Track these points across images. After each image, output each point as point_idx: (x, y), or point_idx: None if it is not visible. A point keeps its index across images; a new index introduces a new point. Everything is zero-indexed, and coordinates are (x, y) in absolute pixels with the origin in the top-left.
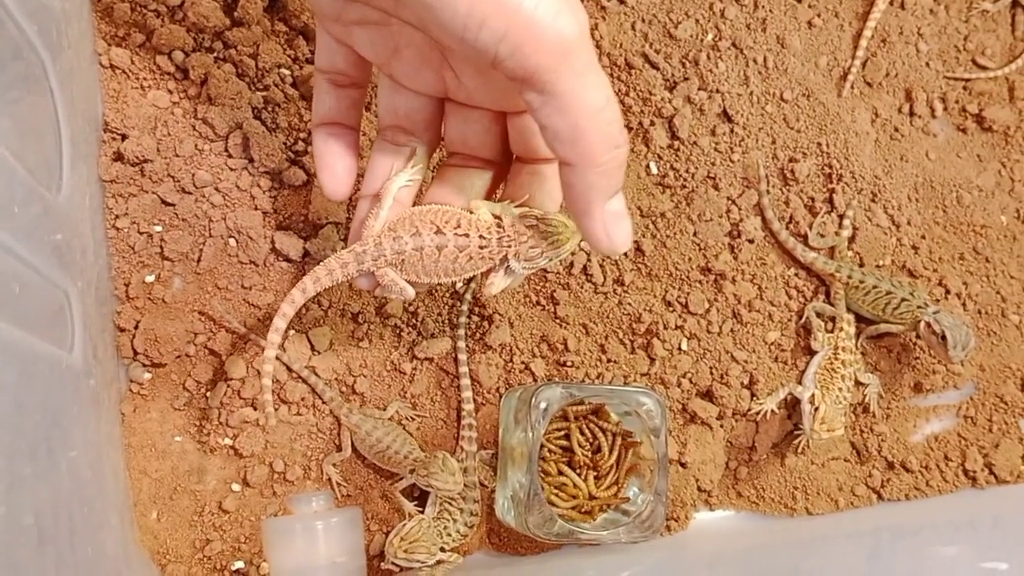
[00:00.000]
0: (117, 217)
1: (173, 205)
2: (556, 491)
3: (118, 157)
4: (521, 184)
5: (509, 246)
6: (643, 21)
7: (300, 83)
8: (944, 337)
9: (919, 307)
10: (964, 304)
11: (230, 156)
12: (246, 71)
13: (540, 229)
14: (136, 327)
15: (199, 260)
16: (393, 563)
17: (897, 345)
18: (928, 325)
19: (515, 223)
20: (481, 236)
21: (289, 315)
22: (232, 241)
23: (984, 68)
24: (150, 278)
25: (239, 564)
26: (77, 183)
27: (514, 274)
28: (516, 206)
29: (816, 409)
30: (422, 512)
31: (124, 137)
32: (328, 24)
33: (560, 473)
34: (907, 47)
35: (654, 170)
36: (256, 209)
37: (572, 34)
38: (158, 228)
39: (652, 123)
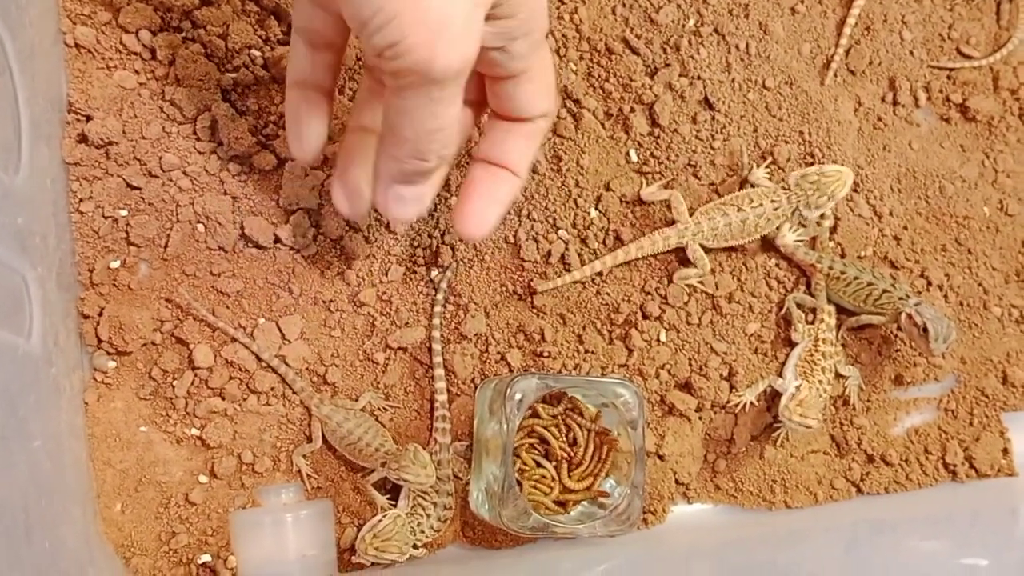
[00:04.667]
0: (81, 201)
1: (139, 189)
2: (534, 484)
3: (82, 139)
4: (494, 141)
5: None
6: (624, 5)
7: (271, 65)
8: (925, 329)
9: (900, 299)
10: (946, 296)
11: (198, 139)
12: (215, 52)
13: None
14: (100, 314)
15: (166, 246)
16: (364, 558)
17: (878, 337)
18: (909, 317)
19: None
20: None
21: None
22: (200, 226)
23: (968, 57)
24: (115, 264)
25: (206, 557)
26: (38, 165)
27: None
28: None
29: (798, 388)
30: (395, 505)
31: (89, 118)
32: None
33: (538, 465)
34: (891, 35)
35: (634, 157)
36: (225, 194)
37: (455, 64)
38: (123, 212)
39: (632, 110)
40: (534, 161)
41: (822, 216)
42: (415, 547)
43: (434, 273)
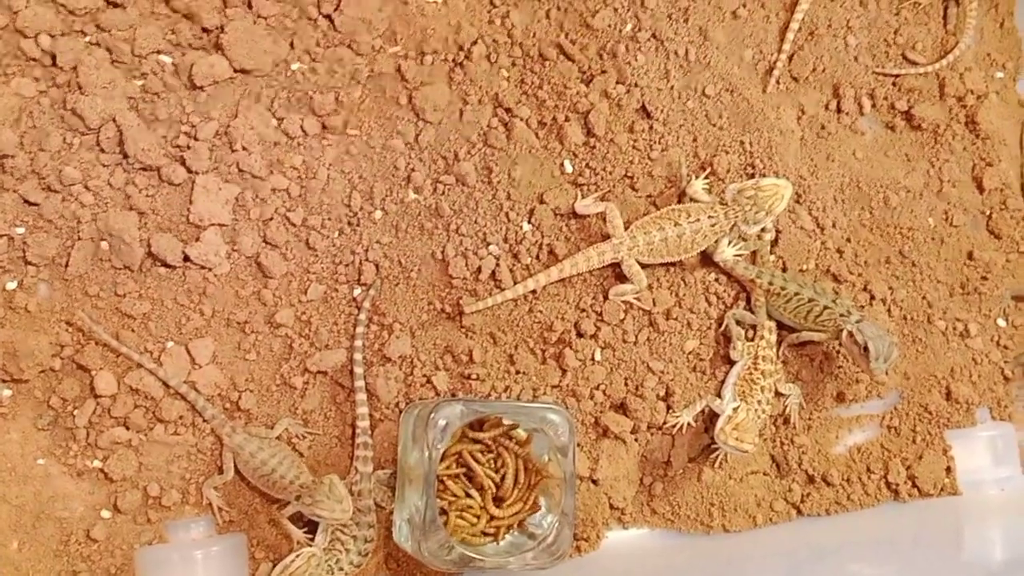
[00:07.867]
0: None
1: (37, 205)
2: (460, 514)
3: None
4: None
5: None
6: (558, 9)
7: (182, 71)
8: (866, 348)
9: (842, 315)
10: (889, 310)
11: (102, 151)
12: (121, 57)
13: None
14: None
15: (67, 265)
16: None
17: (819, 354)
18: (850, 335)
19: None
20: None
21: None
22: (104, 244)
23: (914, 63)
24: (11, 285)
25: None
26: None
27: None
28: None
29: (736, 409)
30: (312, 539)
31: None
32: None
33: (467, 494)
34: (835, 40)
35: (569, 168)
36: (131, 209)
37: None
38: (20, 230)
39: (567, 119)
40: None
41: (762, 230)
42: None
43: (357, 292)
